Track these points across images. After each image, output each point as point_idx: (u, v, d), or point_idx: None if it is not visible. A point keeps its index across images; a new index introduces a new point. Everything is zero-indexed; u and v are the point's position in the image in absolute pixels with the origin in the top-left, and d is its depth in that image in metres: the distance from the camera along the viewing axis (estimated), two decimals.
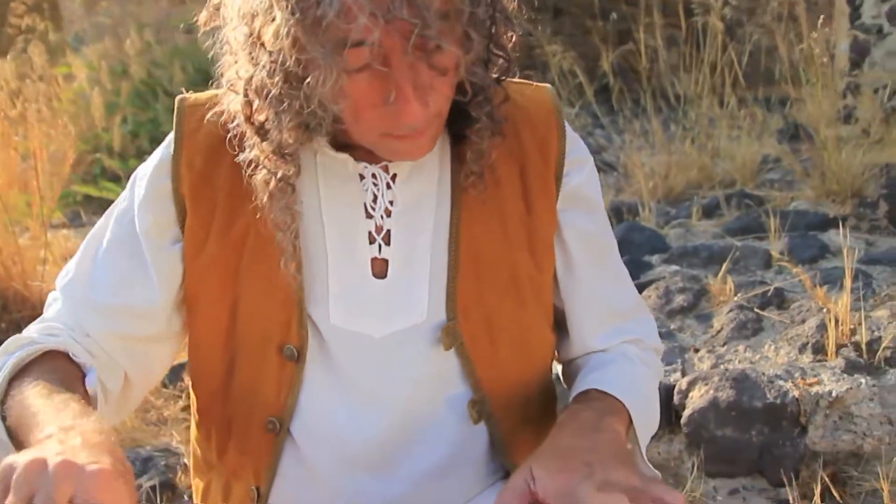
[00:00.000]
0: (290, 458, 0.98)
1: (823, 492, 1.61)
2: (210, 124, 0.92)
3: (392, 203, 0.94)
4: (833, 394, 1.81)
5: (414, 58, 0.79)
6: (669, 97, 3.92)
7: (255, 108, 0.85)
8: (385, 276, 0.95)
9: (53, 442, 0.73)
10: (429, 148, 0.89)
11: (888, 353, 1.95)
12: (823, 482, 1.69)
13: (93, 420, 0.78)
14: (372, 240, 0.95)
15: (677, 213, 3.34)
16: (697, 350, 2.19)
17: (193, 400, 1.06)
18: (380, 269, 0.95)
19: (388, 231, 0.95)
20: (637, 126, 3.87)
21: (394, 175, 0.94)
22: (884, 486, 1.50)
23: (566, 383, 1.11)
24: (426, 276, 0.95)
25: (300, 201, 0.93)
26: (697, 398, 1.87)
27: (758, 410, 1.82)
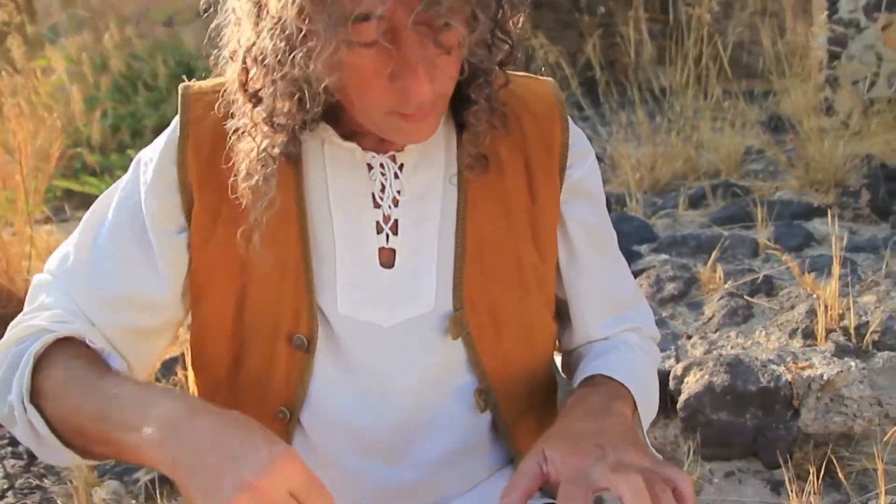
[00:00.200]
0: (300, 447, 0.97)
1: (817, 472, 1.65)
2: (216, 113, 0.91)
3: (399, 193, 0.95)
4: (824, 377, 1.85)
5: (422, 34, 0.79)
6: (654, 89, 3.96)
7: (252, 76, 0.84)
8: (392, 266, 0.95)
9: (190, 453, 0.74)
10: (432, 130, 0.88)
11: (876, 337, 2.00)
12: (817, 463, 1.73)
13: (177, 395, 0.80)
14: (379, 229, 0.95)
15: (664, 204, 3.38)
16: (690, 337, 2.23)
17: (195, 391, 1.04)
18: (387, 259, 0.95)
19: (396, 221, 0.95)
20: (623, 118, 3.91)
21: (401, 165, 0.95)
22: (878, 465, 1.54)
23: (566, 372, 1.12)
24: (433, 266, 0.95)
25: (308, 190, 0.93)
26: (693, 383, 1.91)
27: (752, 394, 1.86)
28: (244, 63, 0.84)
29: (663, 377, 1.93)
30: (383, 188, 0.94)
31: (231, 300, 0.94)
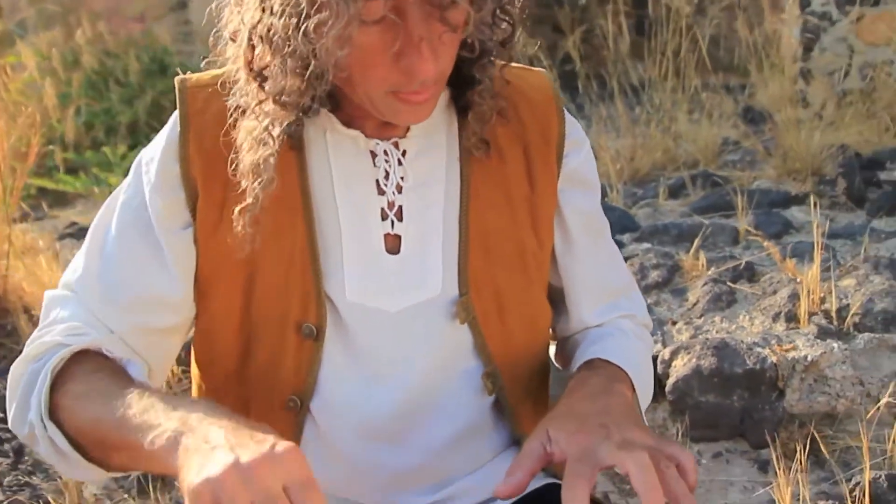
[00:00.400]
0: (310, 434, 0.98)
1: (800, 453, 1.69)
2: (217, 105, 0.92)
3: (403, 179, 0.95)
4: (808, 358, 1.90)
5: (427, 11, 0.80)
6: (633, 82, 4.00)
7: (257, 54, 0.85)
8: (398, 252, 0.96)
9: (199, 441, 0.72)
10: (430, 111, 0.89)
11: (857, 319, 2.05)
12: (802, 442, 1.77)
13: (201, 403, 0.79)
14: (384, 216, 0.96)
15: (644, 194, 3.42)
16: (675, 323, 2.26)
17: (199, 385, 1.04)
18: (392, 245, 0.96)
19: (400, 207, 0.96)
20: (602, 110, 3.94)
21: (404, 151, 0.96)
22: (864, 442, 1.58)
23: (561, 360, 1.14)
24: (439, 251, 0.97)
25: (312, 178, 0.94)
26: (680, 367, 1.94)
27: (738, 376, 1.90)
28: (250, 41, 0.84)
29: (651, 362, 1.96)
30: (387, 175, 0.95)
31: (238, 292, 0.94)
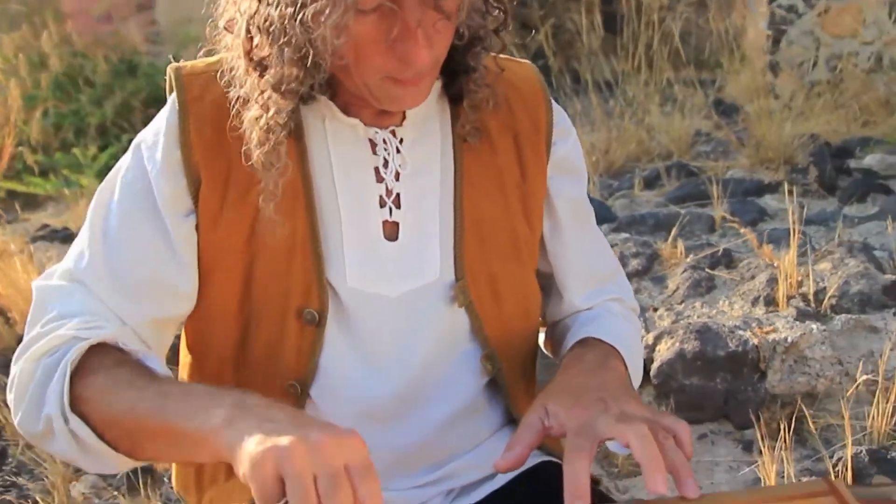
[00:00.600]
0: None
1: (784, 432, 1.73)
2: (214, 92, 0.92)
3: (401, 167, 0.97)
4: (788, 340, 1.94)
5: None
6: (606, 75, 4.04)
7: (256, 44, 0.85)
8: (396, 239, 0.97)
9: (260, 420, 0.72)
10: (425, 95, 0.91)
11: (834, 301, 2.10)
12: (785, 421, 1.81)
13: (244, 391, 0.79)
14: (382, 203, 0.97)
15: (620, 186, 3.46)
16: (656, 309, 2.30)
17: (190, 373, 1.04)
18: (391, 232, 0.97)
19: (398, 194, 0.97)
20: (577, 104, 3.98)
21: (401, 139, 0.97)
22: (845, 418, 1.62)
23: (550, 345, 1.16)
24: (436, 237, 0.98)
25: (312, 166, 0.94)
26: (664, 350, 1.97)
27: (721, 359, 1.93)
28: (248, 32, 0.85)
29: (640, 343, 1.99)
30: (386, 163, 0.96)
31: (238, 278, 0.95)
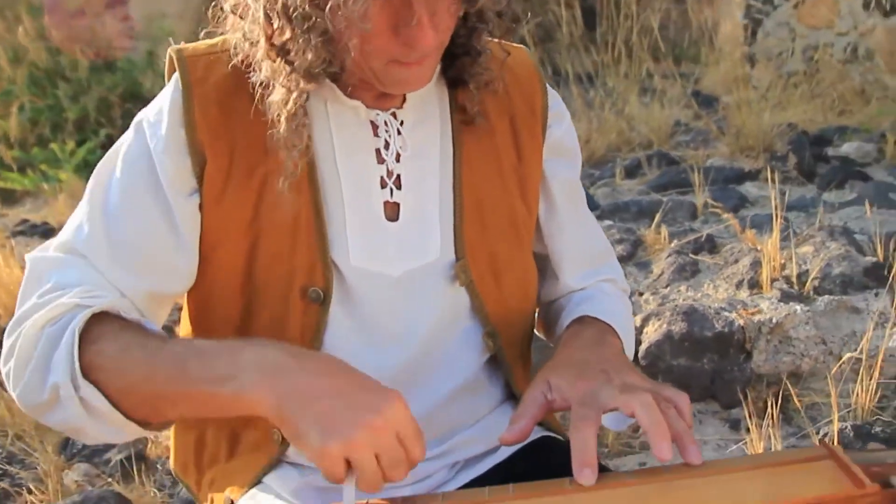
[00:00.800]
0: None
1: (772, 409, 1.77)
2: (218, 73, 0.93)
3: (401, 148, 0.98)
4: (773, 321, 1.98)
5: None
6: (587, 66, 4.08)
7: (276, 29, 0.86)
8: (397, 219, 0.98)
9: (301, 389, 0.77)
10: (429, 78, 0.93)
11: (816, 283, 2.14)
12: (774, 398, 1.85)
13: (269, 341, 0.82)
14: (383, 184, 0.98)
15: (601, 175, 3.50)
16: (642, 294, 2.33)
17: None
18: (392, 212, 0.98)
19: (398, 176, 0.98)
20: (558, 94, 4.00)
21: (401, 121, 0.98)
22: (832, 394, 1.66)
23: (543, 325, 1.18)
24: (437, 218, 1.00)
25: (315, 148, 0.95)
26: (652, 332, 2.00)
27: (708, 339, 1.97)
28: (267, 17, 0.86)
29: (633, 322, 2.02)
30: (387, 144, 0.97)
31: (241, 258, 0.95)
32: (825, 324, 2.01)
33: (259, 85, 0.89)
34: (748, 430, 1.78)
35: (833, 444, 0.83)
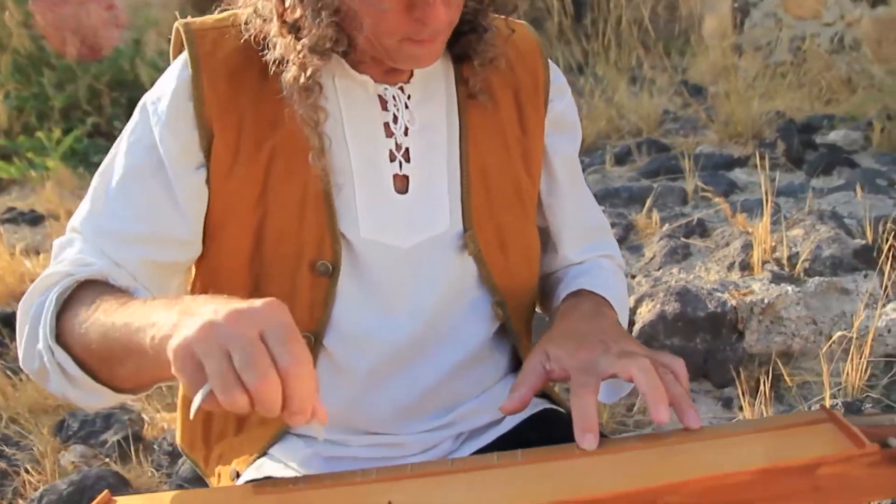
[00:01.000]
0: (323, 367, 1.00)
1: (764, 387, 1.80)
2: (226, 48, 0.94)
3: (410, 122, 0.99)
4: (765, 301, 2.00)
5: None
6: (577, 55, 4.09)
7: (288, 6, 0.88)
8: (406, 192, 1.00)
9: (187, 312, 0.71)
10: (439, 54, 0.94)
11: (807, 265, 2.17)
12: (765, 377, 1.87)
13: (207, 295, 0.78)
14: (392, 157, 0.99)
15: (592, 162, 3.52)
16: (634, 276, 2.35)
17: None
18: (401, 185, 1.00)
19: (407, 149, 1.00)
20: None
21: (409, 96, 1.00)
22: (824, 373, 1.68)
23: (540, 297, 1.19)
24: (445, 190, 1.01)
25: (326, 114, 0.96)
26: (646, 313, 2.03)
27: (701, 320, 1.99)
28: None
29: (628, 298, 2.04)
30: (395, 118, 0.99)
31: (249, 233, 0.96)
32: (815, 305, 2.04)
33: (273, 62, 0.90)
34: (741, 409, 1.80)
35: (833, 409, 0.85)
